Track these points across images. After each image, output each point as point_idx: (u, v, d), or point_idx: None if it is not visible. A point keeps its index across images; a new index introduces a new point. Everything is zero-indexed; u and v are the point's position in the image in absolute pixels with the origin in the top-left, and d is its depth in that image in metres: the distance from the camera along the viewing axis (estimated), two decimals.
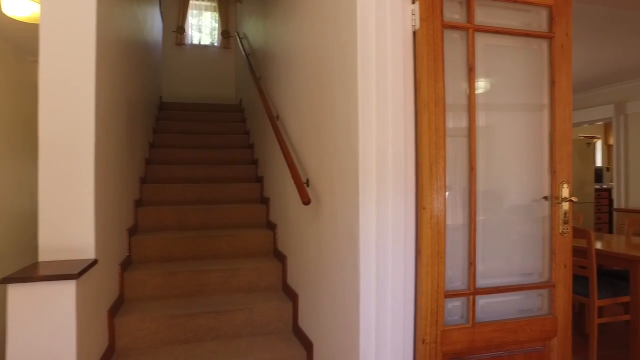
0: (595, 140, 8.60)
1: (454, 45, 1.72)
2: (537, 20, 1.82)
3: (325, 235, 2.13)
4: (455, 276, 1.70)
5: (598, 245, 3.12)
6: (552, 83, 1.76)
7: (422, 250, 1.61)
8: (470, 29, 1.70)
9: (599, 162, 8.64)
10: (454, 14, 1.71)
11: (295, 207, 2.81)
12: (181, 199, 3.95)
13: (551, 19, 1.79)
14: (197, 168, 4.31)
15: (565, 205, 1.73)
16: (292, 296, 2.79)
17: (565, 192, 1.72)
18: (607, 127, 8.66)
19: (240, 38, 5.67)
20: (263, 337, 2.66)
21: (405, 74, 1.68)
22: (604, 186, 7.69)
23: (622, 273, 3.36)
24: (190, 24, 6.87)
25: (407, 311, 1.67)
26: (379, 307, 1.65)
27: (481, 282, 1.73)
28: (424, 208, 1.60)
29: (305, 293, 2.55)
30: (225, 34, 6.83)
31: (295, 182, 2.36)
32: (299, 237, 2.72)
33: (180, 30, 6.58)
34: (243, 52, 5.06)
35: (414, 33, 1.69)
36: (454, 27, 1.69)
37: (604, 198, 7.34)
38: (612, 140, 6.69)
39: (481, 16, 1.75)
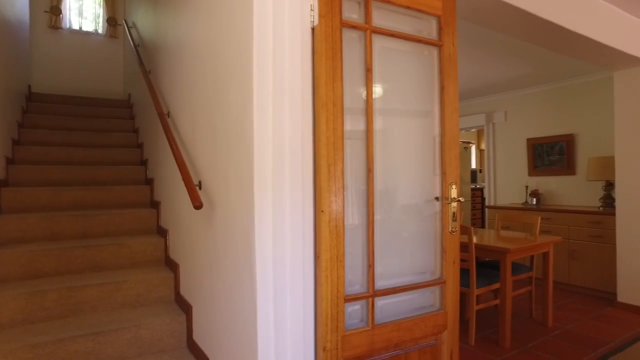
0: (471, 145, 9.65)
1: (352, 46, 1.72)
2: (428, 28, 1.91)
3: (220, 241, 1.98)
4: (354, 279, 1.69)
5: (475, 239, 3.45)
6: (442, 89, 1.87)
7: (321, 255, 1.56)
8: (368, 29, 1.71)
9: (474, 165, 9.71)
10: (352, 13, 1.71)
11: (188, 212, 2.60)
12: (55, 204, 3.42)
13: (440, 29, 1.90)
14: (77, 169, 3.78)
15: (454, 205, 1.84)
16: (185, 308, 2.58)
17: (454, 192, 1.83)
18: (479, 134, 9.78)
19: (128, 27, 5.15)
20: (152, 357, 2.39)
21: (304, 71, 1.63)
22: (478, 186, 8.66)
23: (494, 263, 3.76)
24: (68, 6, 6.05)
25: (307, 318, 1.62)
26: (277, 316, 1.56)
27: (380, 283, 1.75)
28: (322, 211, 1.56)
29: (200, 304, 2.37)
30: (111, 21, 6.15)
31: (186, 185, 2.17)
32: (193, 244, 2.52)
33: (56, 11, 5.74)
34: (131, 43, 4.60)
35: (313, 30, 1.65)
36: (353, 27, 1.69)
37: (477, 196, 8.25)
38: (483, 145, 7.57)
39: (378, 19, 1.77)
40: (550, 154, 5.39)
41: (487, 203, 6.26)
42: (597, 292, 4.36)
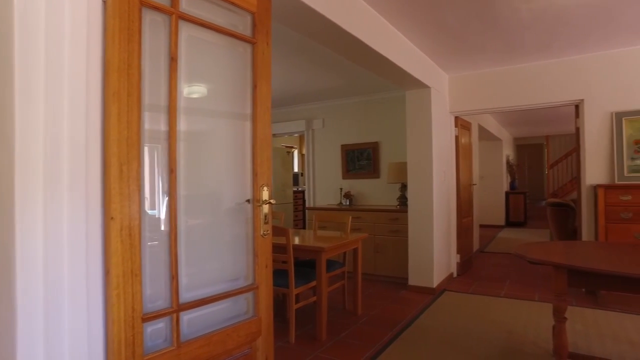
0: (293, 149, 10.15)
1: (155, 31, 1.51)
2: (243, 23, 1.84)
3: None
4: (157, 294, 1.48)
5: (296, 240, 3.56)
6: (254, 87, 1.81)
7: (111, 270, 1.31)
8: (174, 14, 1.53)
9: (296, 168, 10.24)
10: None
11: None
12: None
13: (254, 26, 1.84)
14: None
15: (266, 208, 1.80)
16: None
17: (265, 194, 1.79)
18: (301, 139, 10.39)
19: None
20: None
21: (91, 53, 1.35)
22: (300, 188, 9.14)
23: (312, 262, 3.96)
24: None
25: (95, 349, 1.33)
26: (50, 355, 1.24)
27: (187, 295, 1.58)
28: (112, 218, 1.31)
29: None
30: None
31: None
32: None
33: None
34: None
35: (105, 3, 1.38)
36: (156, 8, 1.48)
37: (299, 198, 8.70)
38: (305, 150, 8.04)
39: (187, 4, 1.61)
40: (360, 159, 6.04)
41: (307, 205, 6.63)
42: (396, 279, 5.05)
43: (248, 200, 1.80)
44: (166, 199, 1.51)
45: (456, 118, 5.26)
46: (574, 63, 4.47)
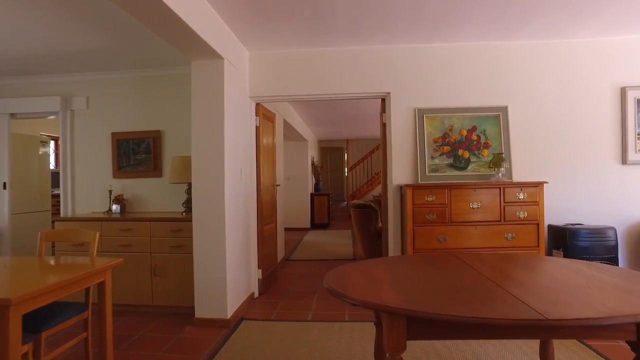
0: (52, 139, 7.75)
1: None
2: None
3: None
4: None
5: None
6: None
7: None
8: None
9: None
10: None
11: None
12: None
13: None
14: None
15: None
16: None
17: None
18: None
19: None
20: None
21: None
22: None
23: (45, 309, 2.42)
24: None
25: None
26: None
27: None
28: None
29: None
30: None
31: None
32: None
33: None
34: None
35: None
36: None
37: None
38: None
39: None
40: (137, 153, 4.58)
41: (62, 213, 4.77)
42: (180, 309, 3.83)
43: None
44: None
45: (257, 105, 4.38)
46: (382, 53, 4.11)
